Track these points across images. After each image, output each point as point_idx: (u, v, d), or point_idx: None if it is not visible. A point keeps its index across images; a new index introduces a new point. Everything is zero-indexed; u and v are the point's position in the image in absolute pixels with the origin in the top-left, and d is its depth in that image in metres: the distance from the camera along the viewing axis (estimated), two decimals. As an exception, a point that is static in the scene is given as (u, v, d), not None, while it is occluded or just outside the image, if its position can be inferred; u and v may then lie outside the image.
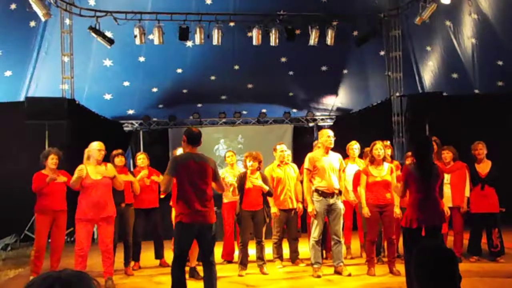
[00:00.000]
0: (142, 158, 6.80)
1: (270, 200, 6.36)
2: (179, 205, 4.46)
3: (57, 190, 5.89)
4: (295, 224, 6.64)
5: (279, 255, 6.55)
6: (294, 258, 6.66)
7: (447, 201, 6.07)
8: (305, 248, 6.65)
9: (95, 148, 5.47)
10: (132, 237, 6.63)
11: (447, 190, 5.97)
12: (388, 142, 6.75)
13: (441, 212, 4.76)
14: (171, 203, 6.01)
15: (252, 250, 6.36)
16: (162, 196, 6.36)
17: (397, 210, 5.83)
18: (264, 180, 6.22)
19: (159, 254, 6.87)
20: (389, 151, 6.60)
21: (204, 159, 4.52)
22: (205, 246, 4.51)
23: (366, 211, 5.78)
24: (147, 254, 6.97)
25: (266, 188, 6.13)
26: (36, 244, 5.84)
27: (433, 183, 4.69)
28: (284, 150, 6.67)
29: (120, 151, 6.48)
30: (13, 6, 9.18)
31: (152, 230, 6.89)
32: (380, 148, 5.86)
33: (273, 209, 6.36)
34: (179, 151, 5.57)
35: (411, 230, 4.60)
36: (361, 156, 6.78)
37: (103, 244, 5.45)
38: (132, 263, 6.60)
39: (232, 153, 7.09)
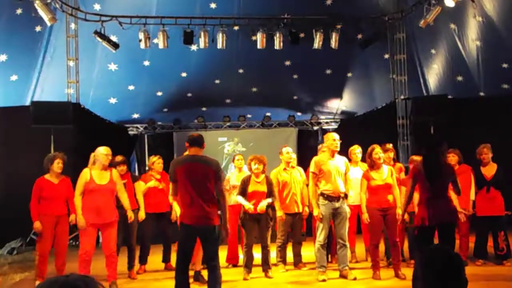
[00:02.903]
0: (160, 163, 6.86)
1: (276, 203, 6.35)
2: (181, 207, 4.52)
3: (59, 195, 5.86)
4: (299, 228, 6.62)
5: (282, 258, 6.54)
6: (297, 262, 6.65)
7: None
8: (310, 252, 6.64)
9: (102, 153, 5.47)
10: (141, 240, 6.65)
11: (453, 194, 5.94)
12: (391, 145, 6.76)
13: (452, 209, 4.75)
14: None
15: (257, 254, 6.36)
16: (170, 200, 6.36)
17: (399, 211, 5.77)
18: (269, 183, 6.22)
19: (166, 258, 6.87)
20: (391, 154, 6.61)
21: (205, 160, 4.51)
22: (207, 249, 4.52)
23: (365, 217, 5.77)
24: (155, 257, 6.97)
25: (269, 201, 6.14)
26: (39, 249, 5.82)
27: (442, 182, 4.70)
28: (290, 152, 6.66)
29: (121, 159, 6.42)
30: (19, 11, 9.24)
31: (161, 233, 6.90)
32: (380, 152, 5.87)
33: (279, 213, 6.35)
34: None
35: (424, 228, 4.61)
36: (363, 160, 6.79)
37: (107, 249, 5.45)
38: (138, 266, 6.62)
39: (241, 157, 7.07)
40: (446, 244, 4.48)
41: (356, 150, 6.77)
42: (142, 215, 6.41)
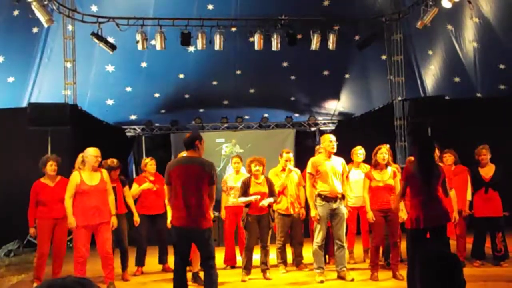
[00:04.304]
0: (153, 164, 6.84)
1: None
2: (172, 208, 4.53)
3: (56, 198, 5.78)
4: (299, 228, 6.62)
5: (283, 260, 6.54)
6: (299, 262, 6.64)
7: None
8: (307, 253, 6.64)
9: (92, 154, 5.41)
10: (137, 242, 6.64)
11: (452, 194, 5.92)
12: (388, 146, 6.75)
13: (445, 211, 4.75)
14: None
15: (256, 255, 6.34)
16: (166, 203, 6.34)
17: (402, 215, 5.78)
18: (270, 183, 6.22)
19: (162, 259, 6.85)
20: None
21: (199, 162, 4.49)
22: (200, 251, 4.54)
23: (370, 215, 5.76)
24: (153, 259, 6.95)
25: (271, 200, 6.12)
26: (38, 251, 5.80)
27: (434, 183, 4.70)
28: (290, 159, 6.63)
29: (115, 164, 6.33)
30: (16, 13, 9.21)
31: (157, 235, 6.89)
32: (385, 152, 5.87)
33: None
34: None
35: (417, 231, 4.61)
36: (366, 161, 6.77)
37: (103, 250, 5.42)
38: (135, 269, 6.60)
39: (238, 159, 7.05)
40: (439, 245, 4.50)
41: (359, 151, 6.76)
42: (136, 218, 6.40)
